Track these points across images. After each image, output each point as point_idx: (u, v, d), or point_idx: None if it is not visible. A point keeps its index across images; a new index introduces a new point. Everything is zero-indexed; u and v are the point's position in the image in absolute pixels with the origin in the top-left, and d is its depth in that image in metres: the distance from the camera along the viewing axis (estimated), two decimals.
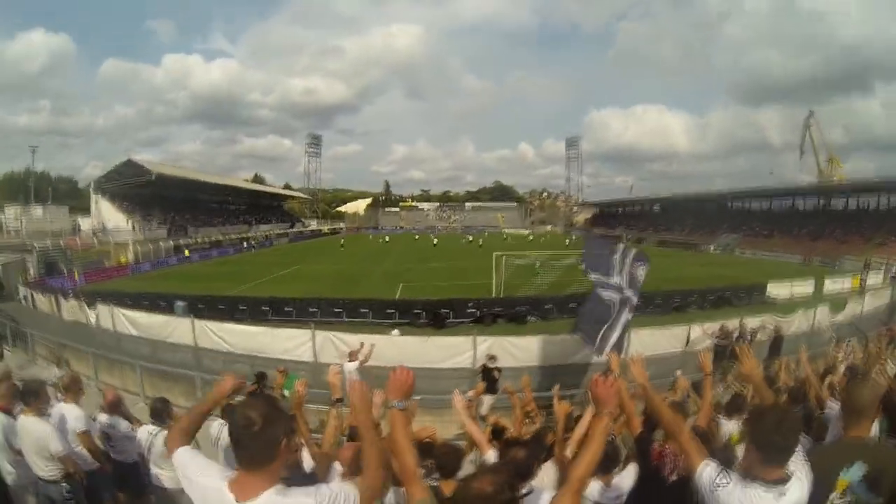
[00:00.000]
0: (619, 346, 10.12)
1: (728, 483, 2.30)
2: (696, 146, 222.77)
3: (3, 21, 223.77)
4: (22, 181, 78.40)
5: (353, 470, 3.66)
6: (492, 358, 11.43)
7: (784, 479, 2.31)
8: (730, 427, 5.36)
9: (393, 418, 2.19)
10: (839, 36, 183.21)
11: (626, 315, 10.60)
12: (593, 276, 11.54)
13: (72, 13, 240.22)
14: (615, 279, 10.96)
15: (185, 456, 2.15)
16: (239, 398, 2.50)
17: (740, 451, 3.32)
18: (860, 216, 61.52)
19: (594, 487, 3.72)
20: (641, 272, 10.84)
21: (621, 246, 11.69)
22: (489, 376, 10.98)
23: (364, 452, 2.18)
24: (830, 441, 3.75)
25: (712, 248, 68.09)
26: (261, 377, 9.64)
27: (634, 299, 10.75)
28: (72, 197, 79.55)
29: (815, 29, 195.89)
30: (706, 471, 2.38)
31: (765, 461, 2.31)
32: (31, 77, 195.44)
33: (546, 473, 3.89)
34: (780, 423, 2.30)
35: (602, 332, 10.46)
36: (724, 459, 3.52)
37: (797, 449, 2.41)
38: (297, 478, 2.95)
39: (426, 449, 4.32)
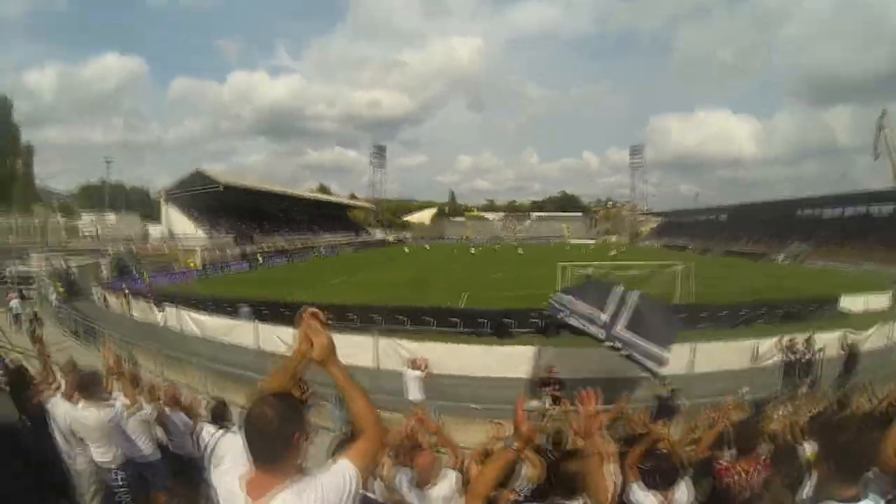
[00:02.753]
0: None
1: None
2: (763, 151, 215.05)
3: (79, 45, 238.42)
4: (98, 191, 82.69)
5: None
6: (551, 368, 11.32)
7: (857, 497, 2.17)
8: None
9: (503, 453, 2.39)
10: None
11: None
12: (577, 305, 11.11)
13: (142, 36, 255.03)
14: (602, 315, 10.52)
15: (231, 443, 2.13)
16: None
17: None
18: None
19: (652, 502, 3.66)
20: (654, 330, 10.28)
21: (621, 289, 11.18)
22: (548, 386, 10.92)
23: (355, 406, 2.04)
24: None
25: (781, 258, 65.44)
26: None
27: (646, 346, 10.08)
28: (143, 206, 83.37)
29: (881, 21, 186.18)
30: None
31: (840, 478, 2.19)
32: (106, 97, 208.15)
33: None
34: (857, 440, 2.20)
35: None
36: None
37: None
38: None
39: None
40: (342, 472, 1.85)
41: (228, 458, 2.10)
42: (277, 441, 1.84)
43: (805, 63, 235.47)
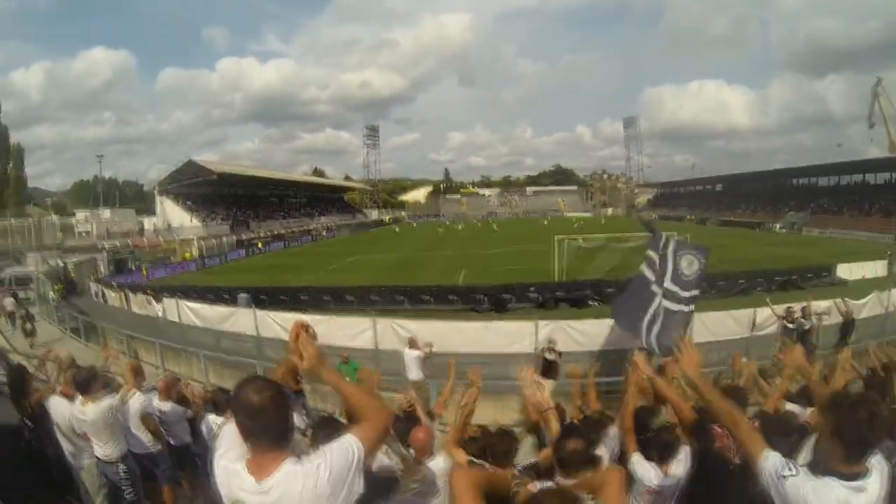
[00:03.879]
0: (668, 340, 9.72)
1: (796, 474, 2.13)
2: (758, 121, 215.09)
3: (66, 42, 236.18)
4: (91, 188, 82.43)
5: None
6: (552, 343, 11.36)
7: (863, 474, 2.15)
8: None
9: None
10: None
11: (670, 307, 10.24)
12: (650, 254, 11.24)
13: (129, 29, 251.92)
14: (666, 275, 10.65)
15: (228, 432, 2.15)
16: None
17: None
18: None
19: (653, 474, 3.68)
20: (694, 265, 10.44)
21: (664, 237, 11.31)
22: (548, 362, 10.94)
23: (352, 400, 2.12)
24: None
25: (778, 227, 65.46)
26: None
27: (684, 294, 10.32)
28: (138, 199, 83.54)
29: None
30: (769, 461, 2.20)
31: (848, 456, 2.15)
32: (95, 92, 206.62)
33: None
34: (871, 417, 2.13)
35: (645, 322, 10.25)
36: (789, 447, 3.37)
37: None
38: None
39: (479, 435, 4.29)
40: (348, 445, 1.89)
41: (227, 442, 2.11)
42: (275, 422, 1.88)
43: (798, 33, 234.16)
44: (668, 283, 10.44)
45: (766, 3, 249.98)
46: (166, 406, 6.04)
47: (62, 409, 5.17)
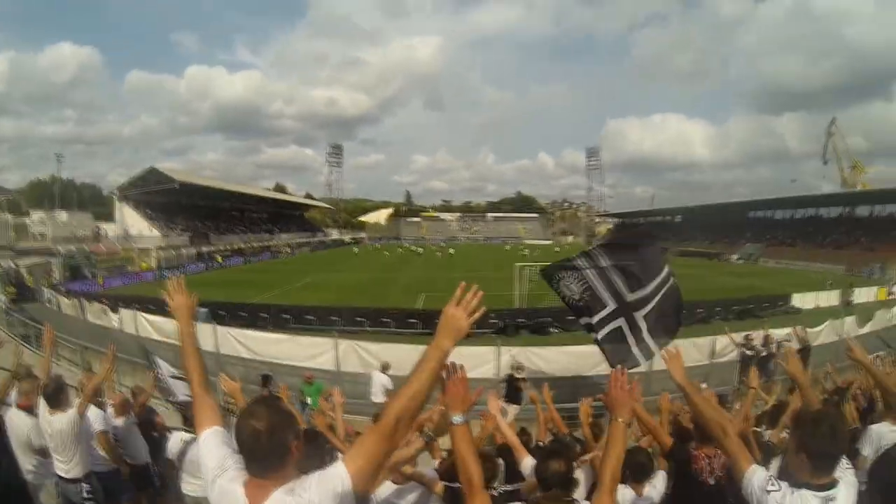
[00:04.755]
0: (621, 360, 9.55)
1: (778, 489, 2.24)
2: (717, 155, 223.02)
3: (31, 34, 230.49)
4: (47, 188, 79.94)
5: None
6: (518, 368, 11.31)
7: (831, 484, 2.27)
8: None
9: (454, 432, 2.13)
10: (857, 41, 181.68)
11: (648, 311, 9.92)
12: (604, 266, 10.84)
13: (98, 27, 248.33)
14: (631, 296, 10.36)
15: (212, 441, 2.07)
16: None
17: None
18: (887, 224, 60.37)
19: (627, 496, 3.72)
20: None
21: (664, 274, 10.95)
22: (513, 386, 10.89)
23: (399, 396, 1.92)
24: None
25: (735, 257, 67.31)
26: (266, 379, 9.65)
27: (647, 290, 9.42)
28: (95, 203, 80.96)
29: (831, 34, 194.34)
30: (755, 476, 2.32)
31: (815, 468, 2.27)
32: (59, 88, 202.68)
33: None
34: (833, 430, 2.27)
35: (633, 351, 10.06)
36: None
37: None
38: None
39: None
40: (334, 478, 1.76)
41: (217, 459, 2.00)
42: (272, 452, 1.81)
43: (758, 71, 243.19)
44: (639, 314, 10.11)
45: (727, 41, 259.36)
46: (120, 422, 5.81)
47: (20, 423, 4.92)
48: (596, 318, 9.37)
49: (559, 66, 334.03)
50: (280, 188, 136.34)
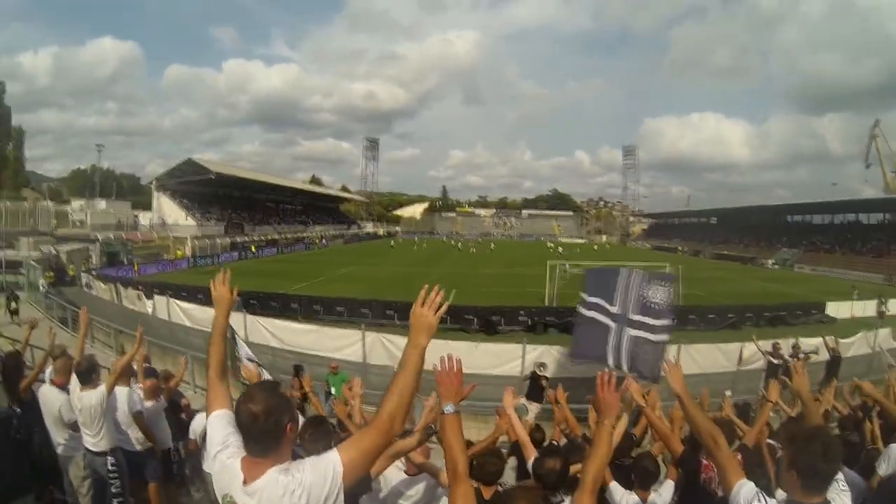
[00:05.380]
0: (653, 369, 9.70)
1: None
2: (756, 155, 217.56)
3: (74, 30, 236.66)
4: (88, 177, 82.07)
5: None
6: (541, 366, 11.27)
7: None
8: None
9: (444, 421, 2.20)
10: None
11: (640, 336, 10.17)
12: (590, 300, 11.12)
13: (139, 22, 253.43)
14: (615, 307, 10.57)
15: (219, 422, 2.20)
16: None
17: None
18: None
19: (630, 502, 3.72)
20: (662, 293, 10.34)
21: (625, 270, 11.19)
22: (536, 384, 10.88)
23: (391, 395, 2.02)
24: None
25: (770, 262, 65.80)
26: (298, 370, 9.84)
27: (655, 322, 10.11)
28: (134, 193, 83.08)
29: (876, 31, 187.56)
30: (742, 490, 2.31)
31: (805, 486, 2.22)
32: (101, 81, 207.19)
33: None
34: (825, 449, 2.20)
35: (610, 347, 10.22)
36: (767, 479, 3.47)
37: (839, 477, 2.38)
38: None
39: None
40: (327, 464, 1.88)
41: (220, 436, 2.13)
42: (268, 433, 1.90)
43: (799, 69, 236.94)
44: (633, 315, 10.34)
45: (768, 36, 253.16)
46: (150, 406, 5.97)
47: (53, 398, 5.18)
48: (611, 361, 10.16)
49: (597, 62, 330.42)
50: (316, 181, 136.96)
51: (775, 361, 12.79)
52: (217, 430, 2.16)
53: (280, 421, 1.92)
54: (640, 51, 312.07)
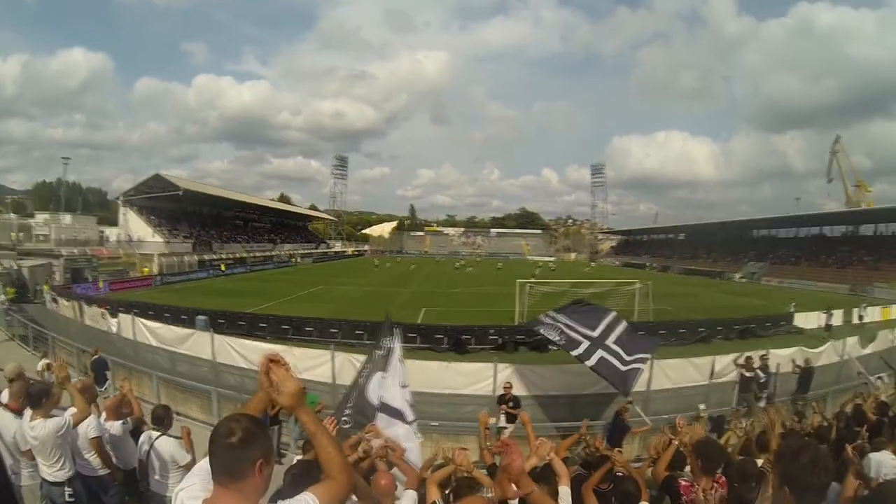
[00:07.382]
0: (620, 385, 9.76)
1: None
2: (721, 173, 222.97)
3: (44, 39, 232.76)
4: (53, 190, 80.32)
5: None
6: (507, 388, 11.30)
7: None
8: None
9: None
10: (860, 59, 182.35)
11: (609, 360, 10.17)
12: (565, 320, 11.14)
13: (110, 34, 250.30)
14: (595, 332, 10.62)
15: (201, 468, 2.11)
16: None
17: None
18: (891, 242, 59.95)
19: None
20: (643, 344, 10.84)
21: (616, 314, 11.46)
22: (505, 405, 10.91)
23: (322, 451, 2.02)
24: None
25: (738, 276, 67.02)
26: None
27: (626, 356, 10.08)
28: (100, 207, 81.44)
29: (834, 53, 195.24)
30: None
31: (799, 502, 2.19)
32: (70, 92, 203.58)
33: None
34: (814, 461, 2.21)
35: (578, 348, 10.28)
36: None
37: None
38: None
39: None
40: (302, 501, 1.83)
41: (195, 477, 2.07)
42: (239, 458, 1.79)
43: (762, 90, 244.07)
44: (610, 342, 10.42)
45: (730, 59, 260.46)
46: (115, 427, 5.72)
47: (7, 423, 4.93)
48: (576, 353, 10.22)
49: (564, 83, 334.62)
50: (285, 199, 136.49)
51: (748, 374, 12.90)
52: (197, 471, 2.12)
53: (250, 452, 1.80)
54: (607, 73, 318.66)
